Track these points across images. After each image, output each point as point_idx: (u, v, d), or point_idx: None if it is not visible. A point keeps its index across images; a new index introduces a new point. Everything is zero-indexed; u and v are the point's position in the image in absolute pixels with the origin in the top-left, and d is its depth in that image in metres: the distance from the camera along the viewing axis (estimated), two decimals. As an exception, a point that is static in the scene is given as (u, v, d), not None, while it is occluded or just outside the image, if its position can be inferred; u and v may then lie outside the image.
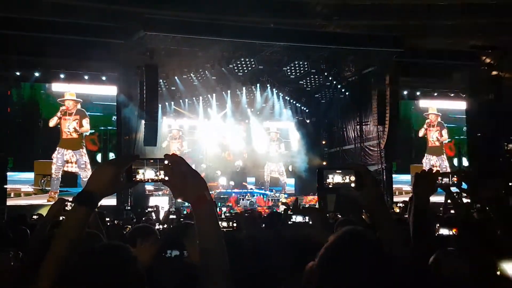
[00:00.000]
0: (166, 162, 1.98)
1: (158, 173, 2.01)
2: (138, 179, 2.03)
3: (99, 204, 2.02)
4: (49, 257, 1.89)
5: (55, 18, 18.09)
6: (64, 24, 18.07)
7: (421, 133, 24.14)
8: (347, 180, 2.12)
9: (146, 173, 2.02)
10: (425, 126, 24.21)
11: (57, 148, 19.78)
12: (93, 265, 1.79)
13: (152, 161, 2.03)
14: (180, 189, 1.96)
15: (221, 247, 1.91)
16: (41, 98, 19.77)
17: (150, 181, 2.03)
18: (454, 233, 4.71)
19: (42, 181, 19.33)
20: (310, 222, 3.83)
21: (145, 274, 1.90)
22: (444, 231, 4.85)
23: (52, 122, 19.79)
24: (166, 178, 1.98)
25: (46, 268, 1.86)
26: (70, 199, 4.35)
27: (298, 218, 5.64)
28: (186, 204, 17.88)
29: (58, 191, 19.23)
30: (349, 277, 1.71)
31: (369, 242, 1.79)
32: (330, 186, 2.13)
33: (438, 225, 4.98)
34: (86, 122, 20.24)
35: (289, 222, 5.76)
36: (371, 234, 1.87)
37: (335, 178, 2.13)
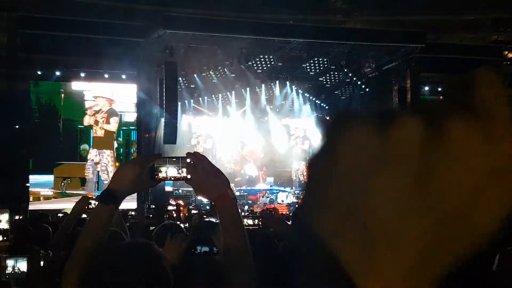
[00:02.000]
0: (188, 160, 1.99)
1: (180, 171, 2.02)
2: (161, 177, 2.03)
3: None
4: (74, 255, 1.90)
5: (75, 17, 18.26)
6: (84, 22, 18.22)
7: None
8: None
9: (169, 171, 2.02)
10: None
11: (90, 149, 19.88)
12: (119, 262, 1.80)
13: (174, 159, 2.04)
14: (203, 187, 1.98)
15: (245, 245, 1.92)
16: (59, 98, 19.69)
17: (173, 179, 2.05)
18: None
19: (62, 184, 19.12)
20: None
21: (171, 271, 1.91)
22: None
23: (86, 121, 19.88)
24: (189, 176, 2.00)
25: (72, 266, 1.88)
26: (94, 196, 4.37)
27: None
28: (205, 201, 17.92)
29: (94, 193, 18.40)
30: None
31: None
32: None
33: None
34: (114, 121, 20.23)
35: None
36: None
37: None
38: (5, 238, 6.41)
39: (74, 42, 18.17)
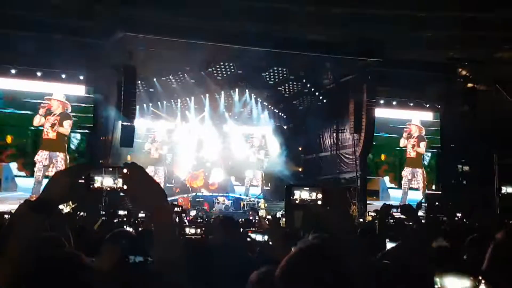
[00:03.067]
0: (125, 170, 1.93)
1: (116, 181, 1.98)
2: (95, 187, 2.00)
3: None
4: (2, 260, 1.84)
5: (36, 15, 17.90)
6: (41, 20, 17.88)
7: (401, 143, 24.36)
8: (313, 197, 2.11)
9: (104, 181, 1.99)
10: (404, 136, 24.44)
11: (40, 150, 19.58)
12: (42, 272, 1.74)
13: (111, 169, 2.00)
14: (139, 198, 1.93)
15: (179, 259, 1.89)
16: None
17: (108, 189, 1.99)
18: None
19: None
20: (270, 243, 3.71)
21: (105, 280, 1.87)
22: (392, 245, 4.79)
23: (36, 121, 19.59)
24: (125, 187, 1.95)
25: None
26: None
27: (258, 237, 5.36)
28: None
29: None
30: None
31: (330, 255, 1.82)
32: (297, 202, 2.12)
33: (387, 240, 4.97)
34: (67, 124, 20.00)
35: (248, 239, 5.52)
36: (332, 248, 1.89)
37: (302, 195, 2.12)
38: None
39: (30, 41, 17.82)
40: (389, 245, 4.38)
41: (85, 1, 17.77)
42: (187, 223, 8.49)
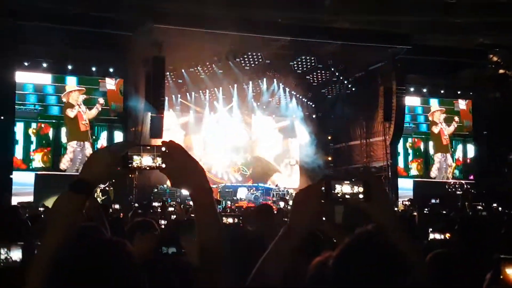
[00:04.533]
0: (163, 149, 1.91)
1: (155, 160, 1.92)
2: (134, 166, 1.93)
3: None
4: (41, 249, 1.81)
5: (65, 9, 18.10)
6: (73, 15, 18.09)
7: (436, 130, 24.18)
8: (355, 191, 1.99)
9: (143, 160, 1.93)
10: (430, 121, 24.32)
11: (74, 142, 20.00)
12: (88, 261, 1.65)
13: (149, 148, 1.94)
14: (178, 177, 1.91)
15: (221, 238, 1.85)
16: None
17: (147, 168, 1.93)
18: (447, 237, 4.68)
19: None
20: None
21: (143, 272, 1.75)
22: (436, 236, 4.80)
23: (73, 113, 19.96)
24: (164, 166, 1.91)
25: (37, 262, 1.77)
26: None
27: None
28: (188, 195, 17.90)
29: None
30: (367, 279, 1.67)
31: (388, 245, 1.76)
32: (339, 196, 2.00)
33: (430, 229, 4.97)
34: (95, 109, 20.38)
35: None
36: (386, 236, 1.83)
37: (344, 189, 2.00)
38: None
39: (62, 34, 18.05)
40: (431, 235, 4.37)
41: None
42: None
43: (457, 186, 23.15)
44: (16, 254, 3.34)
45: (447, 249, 3.28)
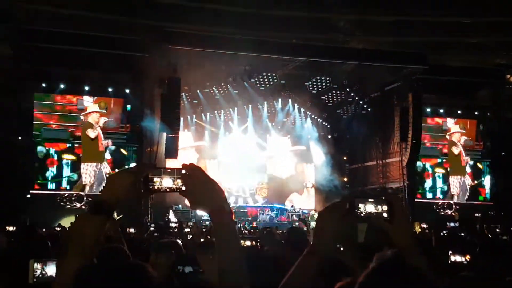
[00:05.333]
0: (183, 171, 1.94)
1: (175, 182, 1.96)
2: (155, 188, 1.96)
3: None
4: (61, 269, 1.86)
5: (81, 31, 18.37)
6: (87, 36, 18.34)
7: (456, 151, 23.90)
8: (379, 210, 2.02)
9: (163, 182, 1.96)
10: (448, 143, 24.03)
11: (90, 164, 20.04)
12: (110, 283, 1.67)
13: (169, 170, 1.97)
14: (198, 199, 1.93)
15: (240, 259, 1.87)
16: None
17: (167, 190, 1.97)
18: (467, 259, 4.63)
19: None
20: None
21: None
22: (457, 258, 4.75)
23: (93, 134, 20.12)
24: (184, 188, 1.94)
25: (58, 282, 1.80)
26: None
27: None
28: (204, 216, 17.88)
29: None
30: None
31: (413, 269, 1.73)
32: (362, 215, 2.02)
33: (450, 252, 4.90)
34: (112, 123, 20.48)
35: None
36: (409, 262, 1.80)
37: (367, 207, 2.03)
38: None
39: (76, 55, 18.28)
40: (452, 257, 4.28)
41: (128, 16, 18.16)
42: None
43: (445, 206, 22.96)
44: (51, 269, 3.39)
45: (471, 272, 3.21)
